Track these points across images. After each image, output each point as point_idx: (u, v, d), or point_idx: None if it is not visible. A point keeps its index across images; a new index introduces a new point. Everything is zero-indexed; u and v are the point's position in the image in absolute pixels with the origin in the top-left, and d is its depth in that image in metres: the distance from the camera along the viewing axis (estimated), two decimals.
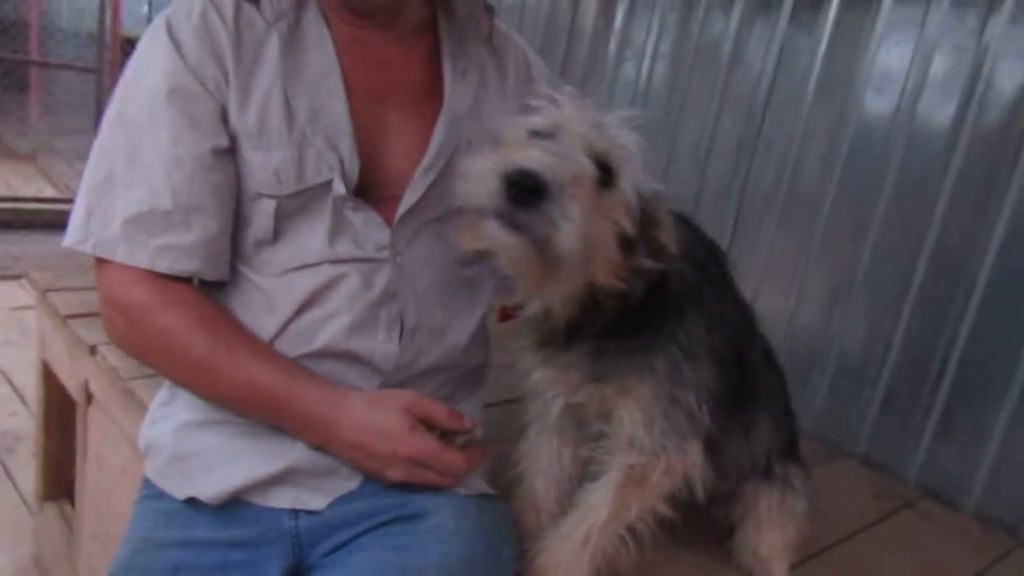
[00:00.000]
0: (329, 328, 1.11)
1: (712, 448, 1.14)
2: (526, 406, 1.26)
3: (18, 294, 4.27)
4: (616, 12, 2.57)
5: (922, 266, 1.86)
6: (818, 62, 2.07)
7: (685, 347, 1.07)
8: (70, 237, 1.09)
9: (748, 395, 1.20)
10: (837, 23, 2.04)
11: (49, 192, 5.69)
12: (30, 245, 4.53)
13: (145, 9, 7.64)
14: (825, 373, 2.04)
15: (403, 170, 1.14)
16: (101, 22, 5.71)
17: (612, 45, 2.58)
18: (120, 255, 1.06)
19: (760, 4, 2.20)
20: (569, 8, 2.71)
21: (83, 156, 1.15)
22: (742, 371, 1.17)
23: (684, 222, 1.12)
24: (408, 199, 1.13)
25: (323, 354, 1.11)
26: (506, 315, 1.19)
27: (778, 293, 2.13)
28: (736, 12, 2.24)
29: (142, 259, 1.06)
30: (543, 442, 1.25)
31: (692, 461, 1.09)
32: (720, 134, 2.28)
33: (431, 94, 1.17)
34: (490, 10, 1.24)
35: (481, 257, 1.23)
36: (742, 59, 2.25)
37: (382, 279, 1.13)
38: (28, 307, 3.82)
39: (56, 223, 4.62)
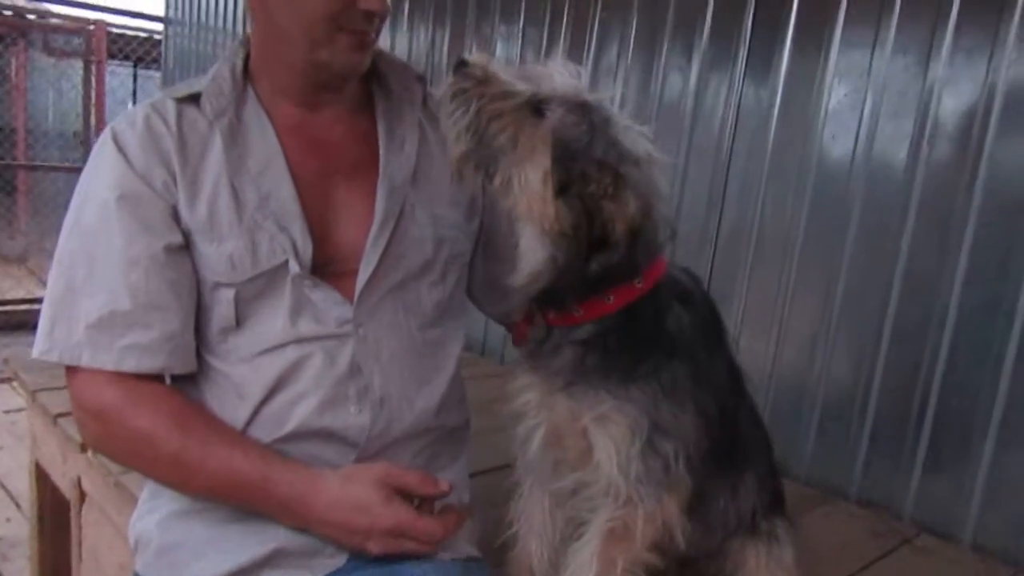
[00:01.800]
0: (300, 409, 1.13)
1: (698, 505, 1.15)
2: (515, 465, 1.27)
3: (10, 397, 4.26)
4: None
5: (894, 302, 1.90)
6: (776, 111, 2.14)
7: (667, 388, 1.07)
8: (37, 348, 1.11)
9: (734, 453, 1.21)
10: (789, 73, 2.11)
11: (39, 292, 5.72)
12: (21, 347, 4.54)
13: (130, 105, 7.83)
14: (812, 415, 2.05)
15: (356, 243, 1.18)
16: (86, 122, 5.84)
17: None
18: (86, 360, 1.08)
19: (715, 60, 2.28)
20: None
21: None
22: (728, 430, 1.18)
23: (692, 278, 1.17)
24: (364, 272, 1.17)
25: (297, 435, 1.13)
26: (522, 335, 1.18)
27: (759, 338, 2.16)
28: (694, 71, 2.32)
29: (108, 361, 1.08)
30: (535, 503, 1.25)
31: (669, 511, 1.09)
32: (689, 187, 2.33)
33: (374, 167, 1.21)
34: (421, 79, 1.30)
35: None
36: (703, 115, 2.32)
37: (346, 354, 1.15)
38: (21, 409, 3.81)
39: None
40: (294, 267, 1.12)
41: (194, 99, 1.16)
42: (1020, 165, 1.71)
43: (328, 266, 1.16)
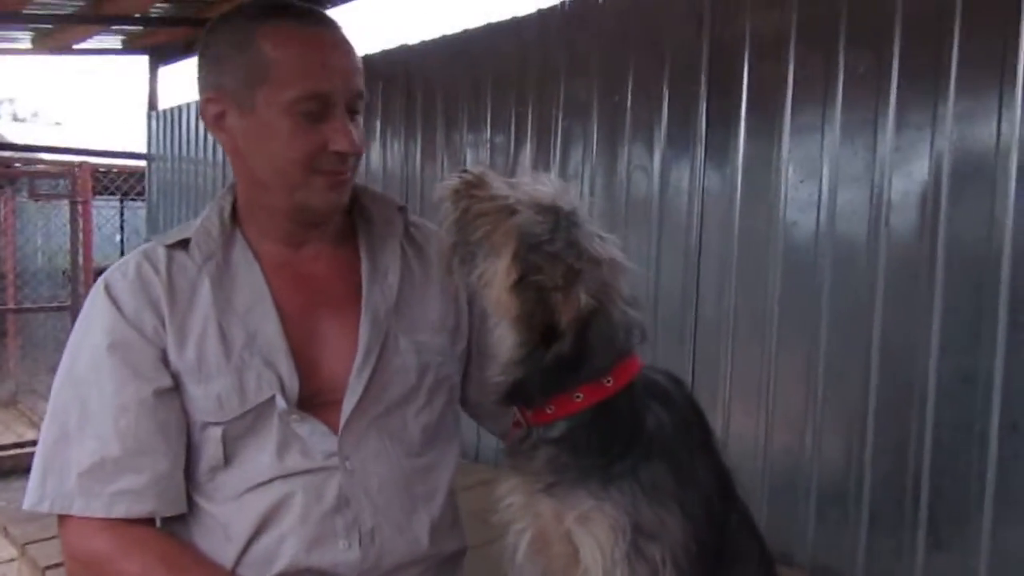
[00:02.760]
0: (286, 549, 1.12)
1: None
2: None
3: (2, 545, 4.15)
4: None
5: (874, 379, 1.91)
6: (738, 199, 2.20)
7: (647, 489, 1.06)
8: (28, 500, 1.11)
9: (724, 560, 1.19)
10: (746, 162, 2.19)
11: (30, 435, 5.65)
12: (11, 492, 4.46)
13: (118, 238, 7.96)
14: (809, 499, 2.03)
15: (341, 375, 1.19)
16: (73, 261, 5.90)
17: None
18: (77, 508, 1.08)
19: (675, 156, 2.36)
20: None
21: None
22: (717, 535, 1.16)
23: (673, 380, 1.16)
24: (348, 403, 1.17)
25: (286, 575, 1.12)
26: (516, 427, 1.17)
27: (748, 424, 2.15)
28: (655, 167, 2.40)
29: (98, 509, 1.08)
30: None
31: None
32: (663, 281, 2.37)
33: (358, 299, 1.23)
34: (402, 209, 1.33)
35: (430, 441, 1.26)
36: (669, 209, 2.38)
37: (333, 487, 1.14)
38: (11, 560, 3.70)
39: None
40: (281, 403, 1.13)
41: (184, 244, 1.19)
42: (976, 234, 1.76)
43: (314, 398, 1.17)
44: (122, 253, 7.72)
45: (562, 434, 1.07)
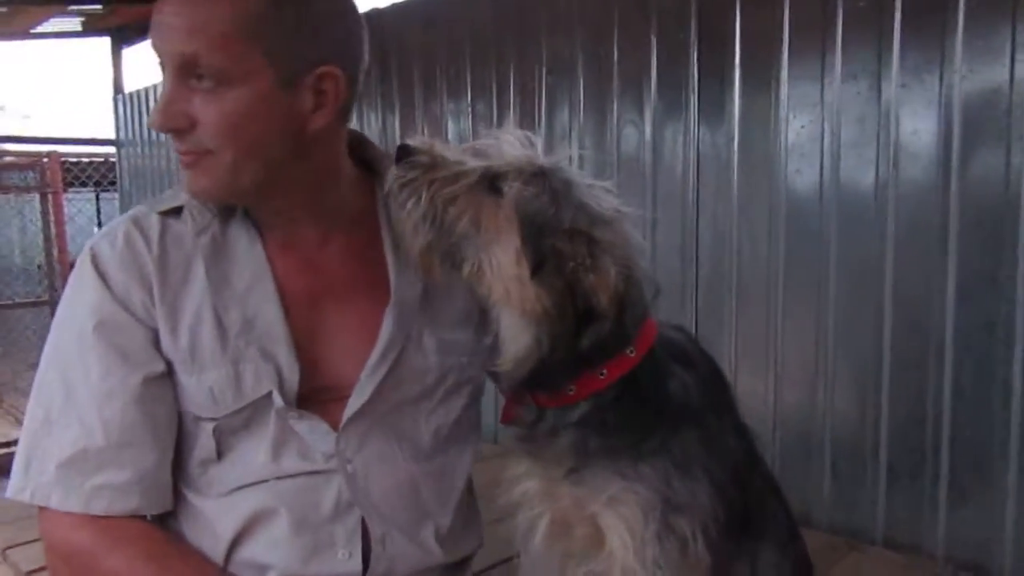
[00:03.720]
0: (278, 559, 1.04)
1: None
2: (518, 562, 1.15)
3: None
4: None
5: (888, 330, 1.84)
6: (735, 152, 2.12)
7: (679, 462, 0.99)
8: (11, 488, 1.03)
9: (751, 522, 1.12)
10: (743, 113, 2.10)
11: (15, 434, 5.55)
12: None
13: (95, 231, 7.79)
14: (824, 457, 1.97)
15: (349, 370, 1.08)
16: (48, 255, 5.76)
17: None
18: (54, 501, 1.00)
19: (667, 110, 2.26)
20: None
21: None
22: (744, 498, 1.08)
23: (687, 336, 1.10)
24: (355, 401, 1.06)
25: None
26: (510, 415, 1.08)
27: (756, 383, 2.09)
28: (647, 123, 2.31)
29: (76, 504, 1.00)
30: None
31: None
32: (660, 238, 2.29)
33: (374, 287, 1.10)
34: None
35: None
36: (664, 165, 2.29)
37: (332, 492, 1.05)
38: None
39: None
40: (278, 400, 1.03)
41: (179, 211, 1.07)
42: (991, 178, 1.68)
43: (318, 393, 1.07)
44: None
45: (585, 415, 0.99)
